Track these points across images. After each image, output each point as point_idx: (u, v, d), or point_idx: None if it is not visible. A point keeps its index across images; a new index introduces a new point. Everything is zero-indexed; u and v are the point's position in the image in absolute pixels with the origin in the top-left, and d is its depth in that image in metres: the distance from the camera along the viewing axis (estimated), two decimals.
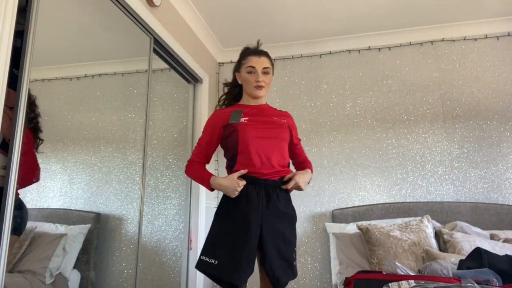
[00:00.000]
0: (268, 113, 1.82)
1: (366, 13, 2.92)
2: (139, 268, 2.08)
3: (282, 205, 1.70)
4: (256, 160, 1.68)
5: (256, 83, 1.76)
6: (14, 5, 1.36)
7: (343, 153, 3.12)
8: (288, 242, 1.67)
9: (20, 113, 1.36)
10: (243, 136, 1.70)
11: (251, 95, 1.82)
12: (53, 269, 1.59)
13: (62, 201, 1.64)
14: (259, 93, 1.78)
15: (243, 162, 1.70)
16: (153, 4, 2.28)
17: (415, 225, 2.49)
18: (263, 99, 1.87)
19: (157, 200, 2.46)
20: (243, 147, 1.70)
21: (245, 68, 1.78)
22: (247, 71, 1.78)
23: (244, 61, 1.80)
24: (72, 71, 1.77)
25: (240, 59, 1.84)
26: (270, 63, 1.82)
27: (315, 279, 2.95)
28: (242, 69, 1.80)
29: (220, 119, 1.80)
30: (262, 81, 1.76)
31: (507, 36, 3.04)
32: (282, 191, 1.73)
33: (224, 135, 1.79)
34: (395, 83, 3.15)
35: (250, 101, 1.84)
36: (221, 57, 3.53)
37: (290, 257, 1.66)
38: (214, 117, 1.83)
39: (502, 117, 2.91)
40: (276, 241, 1.64)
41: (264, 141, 1.71)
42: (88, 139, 1.82)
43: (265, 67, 1.77)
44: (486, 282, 1.52)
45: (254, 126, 1.73)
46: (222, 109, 1.86)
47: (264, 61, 1.78)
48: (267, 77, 1.79)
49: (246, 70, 1.78)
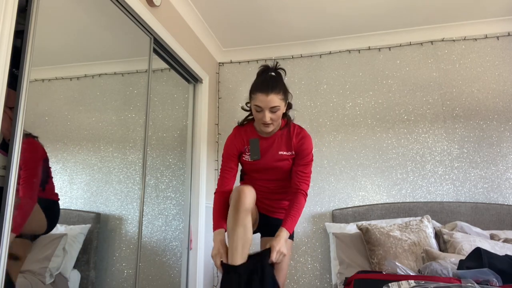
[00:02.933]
0: (276, 146, 1.79)
1: (366, 13, 2.92)
2: (139, 268, 2.08)
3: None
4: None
5: (262, 121, 1.69)
6: (14, 5, 1.36)
7: (343, 153, 3.11)
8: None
9: (20, 113, 1.35)
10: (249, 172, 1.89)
11: (259, 130, 1.80)
12: (53, 269, 1.59)
13: (62, 201, 1.64)
14: (266, 129, 1.73)
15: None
16: (153, 4, 2.28)
17: (415, 225, 2.49)
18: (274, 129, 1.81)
19: (157, 200, 2.46)
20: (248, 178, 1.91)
21: (253, 105, 1.70)
22: (255, 109, 1.70)
23: (253, 95, 1.70)
24: (72, 71, 1.78)
25: (251, 90, 1.74)
26: (281, 97, 1.68)
27: (315, 279, 2.95)
28: (251, 103, 1.73)
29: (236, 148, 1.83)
30: (269, 120, 1.68)
31: (507, 36, 3.04)
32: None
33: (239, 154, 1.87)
34: (395, 83, 3.15)
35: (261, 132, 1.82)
36: (221, 57, 3.53)
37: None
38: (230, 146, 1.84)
39: (502, 117, 2.91)
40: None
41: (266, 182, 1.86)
42: (88, 139, 1.82)
43: (272, 107, 1.66)
44: (486, 282, 1.52)
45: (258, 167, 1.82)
46: (237, 133, 1.84)
47: (272, 100, 1.64)
48: (276, 114, 1.69)
49: (254, 108, 1.71)
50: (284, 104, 1.72)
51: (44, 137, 1.57)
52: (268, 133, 1.80)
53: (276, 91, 1.66)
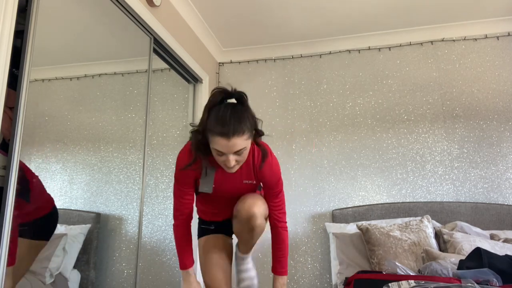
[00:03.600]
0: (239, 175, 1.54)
1: (366, 13, 2.92)
2: (139, 268, 2.08)
3: None
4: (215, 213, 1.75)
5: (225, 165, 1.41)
6: (14, 5, 1.36)
7: (343, 153, 3.11)
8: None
9: (20, 113, 1.36)
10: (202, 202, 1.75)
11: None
12: (53, 269, 1.59)
13: (62, 201, 1.64)
14: (231, 170, 1.44)
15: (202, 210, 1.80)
16: (153, 4, 2.28)
17: (415, 225, 2.49)
18: None
19: (157, 200, 2.46)
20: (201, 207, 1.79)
21: (212, 148, 1.38)
22: (215, 153, 1.39)
23: (211, 136, 1.35)
24: (72, 71, 1.78)
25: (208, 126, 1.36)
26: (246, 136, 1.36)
27: (315, 279, 2.95)
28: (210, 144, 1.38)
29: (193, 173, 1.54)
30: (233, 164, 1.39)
31: (507, 36, 3.04)
32: None
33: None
34: (395, 83, 3.15)
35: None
36: (221, 57, 3.53)
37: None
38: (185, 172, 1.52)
39: (502, 117, 2.91)
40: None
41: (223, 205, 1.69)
42: (88, 139, 1.82)
43: (237, 151, 1.35)
44: (486, 282, 1.52)
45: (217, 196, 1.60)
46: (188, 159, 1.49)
47: (235, 144, 1.32)
48: (242, 155, 1.40)
49: (213, 150, 1.39)
50: (250, 141, 1.42)
51: (44, 137, 1.57)
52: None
53: (239, 132, 1.32)
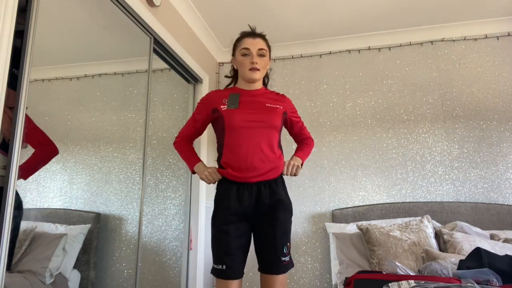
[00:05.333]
0: (262, 99, 1.72)
1: (366, 13, 2.92)
2: (139, 268, 2.08)
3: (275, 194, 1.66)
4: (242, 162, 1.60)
5: (250, 65, 1.68)
6: (14, 5, 1.36)
7: (343, 153, 3.12)
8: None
9: (20, 113, 1.36)
10: (229, 124, 1.64)
11: (246, 78, 1.73)
12: (53, 269, 1.59)
13: (62, 201, 1.64)
14: (254, 75, 1.69)
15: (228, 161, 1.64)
16: (153, 4, 2.28)
17: (415, 225, 2.49)
18: (259, 83, 1.78)
19: (157, 200, 2.46)
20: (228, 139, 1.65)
21: (240, 51, 1.72)
22: (242, 54, 1.71)
23: (238, 43, 1.75)
24: (72, 71, 1.77)
25: (235, 43, 1.79)
26: (266, 45, 1.75)
27: (315, 279, 2.95)
28: (237, 52, 1.74)
29: (212, 101, 1.73)
30: (257, 63, 1.68)
31: (507, 36, 3.04)
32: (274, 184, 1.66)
33: (212, 119, 1.75)
34: (395, 83, 3.15)
35: (245, 86, 1.76)
36: (221, 57, 3.53)
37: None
38: (206, 98, 1.77)
39: (502, 117, 2.91)
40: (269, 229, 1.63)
41: (251, 131, 1.63)
42: (88, 139, 1.82)
43: (260, 49, 1.70)
44: (486, 282, 1.52)
45: (242, 115, 1.65)
46: (218, 91, 1.79)
47: (259, 42, 1.71)
48: (263, 59, 1.72)
49: (240, 53, 1.71)
50: (268, 55, 1.75)
51: None
52: (253, 83, 1.74)
53: (263, 37, 1.74)
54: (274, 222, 1.60)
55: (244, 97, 1.71)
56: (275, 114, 1.69)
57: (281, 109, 1.73)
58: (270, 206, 1.62)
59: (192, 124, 1.78)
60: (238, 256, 1.57)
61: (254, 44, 1.69)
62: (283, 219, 1.62)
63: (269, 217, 1.62)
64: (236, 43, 1.77)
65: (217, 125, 1.72)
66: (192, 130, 1.79)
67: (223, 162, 1.66)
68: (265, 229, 1.61)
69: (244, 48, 1.70)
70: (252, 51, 1.69)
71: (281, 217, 1.61)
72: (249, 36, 1.73)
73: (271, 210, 1.62)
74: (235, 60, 1.78)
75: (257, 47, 1.69)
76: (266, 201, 1.62)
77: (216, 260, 1.57)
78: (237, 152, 1.61)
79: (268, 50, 1.76)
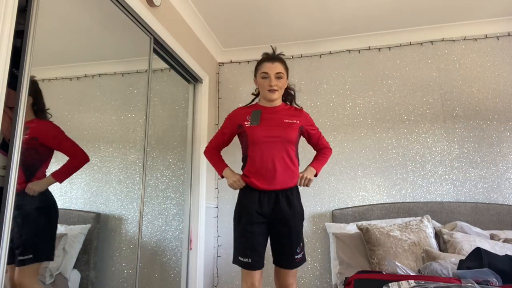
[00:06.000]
0: (281, 115, 1.98)
1: (366, 13, 2.92)
2: (139, 268, 2.08)
3: (291, 204, 1.91)
4: (262, 173, 1.88)
5: (269, 87, 1.93)
6: (14, 5, 1.36)
7: (343, 153, 3.11)
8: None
9: (20, 113, 1.35)
10: (251, 139, 1.92)
11: (266, 98, 1.99)
12: (53, 269, 1.59)
13: (62, 201, 1.64)
14: (272, 96, 1.95)
15: (250, 171, 1.92)
16: (153, 4, 2.28)
17: (415, 225, 2.49)
18: (278, 100, 2.03)
19: (157, 200, 2.46)
20: (251, 152, 1.92)
21: (260, 74, 1.96)
22: (262, 76, 1.96)
23: (259, 67, 1.99)
24: (72, 71, 1.77)
25: (256, 66, 2.03)
26: (284, 67, 1.98)
27: (315, 279, 2.95)
28: (258, 74, 1.99)
29: (237, 118, 2.02)
30: (275, 85, 1.92)
31: (507, 36, 3.04)
32: (290, 193, 1.92)
33: (238, 133, 2.03)
34: (395, 83, 3.15)
35: (265, 103, 2.02)
36: (221, 57, 3.53)
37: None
38: (232, 115, 2.06)
39: (502, 117, 2.91)
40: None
41: (270, 146, 1.89)
42: (88, 139, 1.82)
43: (278, 72, 1.93)
44: (486, 282, 1.52)
45: (262, 131, 1.91)
46: (243, 108, 2.07)
47: (277, 66, 1.94)
48: (280, 81, 1.95)
49: (260, 76, 1.96)
50: (286, 76, 2.00)
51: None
52: (273, 102, 2.00)
53: (281, 60, 1.98)
54: (289, 229, 1.86)
55: (265, 114, 1.98)
56: (292, 129, 1.94)
57: (298, 123, 1.98)
58: (286, 214, 1.87)
59: (220, 137, 2.09)
60: (260, 251, 1.84)
61: (273, 68, 1.93)
62: (296, 225, 1.88)
63: (284, 224, 1.87)
64: (257, 66, 2.01)
65: (242, 138, 2.02)
66: (220, 141, 2.10)
67: (246, 171, 1.95)
68: (281, 234, 1.88)
69: (264, 72, 1.94)
70: (270, 74, 1.93)
71: (295, 224, 1.88)
72: (268, 60, 1.96)
73: (287, 218, 1.87)
74: (256, 81, 2.04)
75: (275, 71, 1.93)
76: (283, 208, 1.87)
77: (242, 254, 1.84)
78: (258, 163, 1.89)
79: (286, 72, 2.00)
